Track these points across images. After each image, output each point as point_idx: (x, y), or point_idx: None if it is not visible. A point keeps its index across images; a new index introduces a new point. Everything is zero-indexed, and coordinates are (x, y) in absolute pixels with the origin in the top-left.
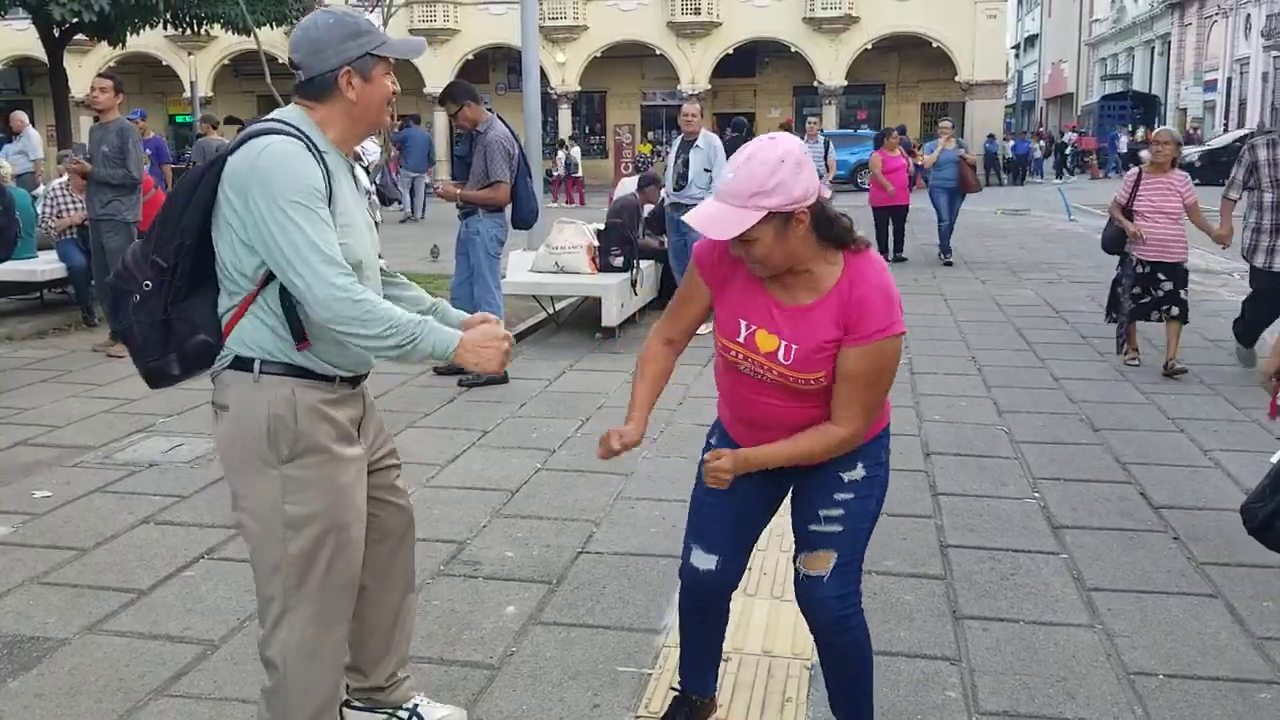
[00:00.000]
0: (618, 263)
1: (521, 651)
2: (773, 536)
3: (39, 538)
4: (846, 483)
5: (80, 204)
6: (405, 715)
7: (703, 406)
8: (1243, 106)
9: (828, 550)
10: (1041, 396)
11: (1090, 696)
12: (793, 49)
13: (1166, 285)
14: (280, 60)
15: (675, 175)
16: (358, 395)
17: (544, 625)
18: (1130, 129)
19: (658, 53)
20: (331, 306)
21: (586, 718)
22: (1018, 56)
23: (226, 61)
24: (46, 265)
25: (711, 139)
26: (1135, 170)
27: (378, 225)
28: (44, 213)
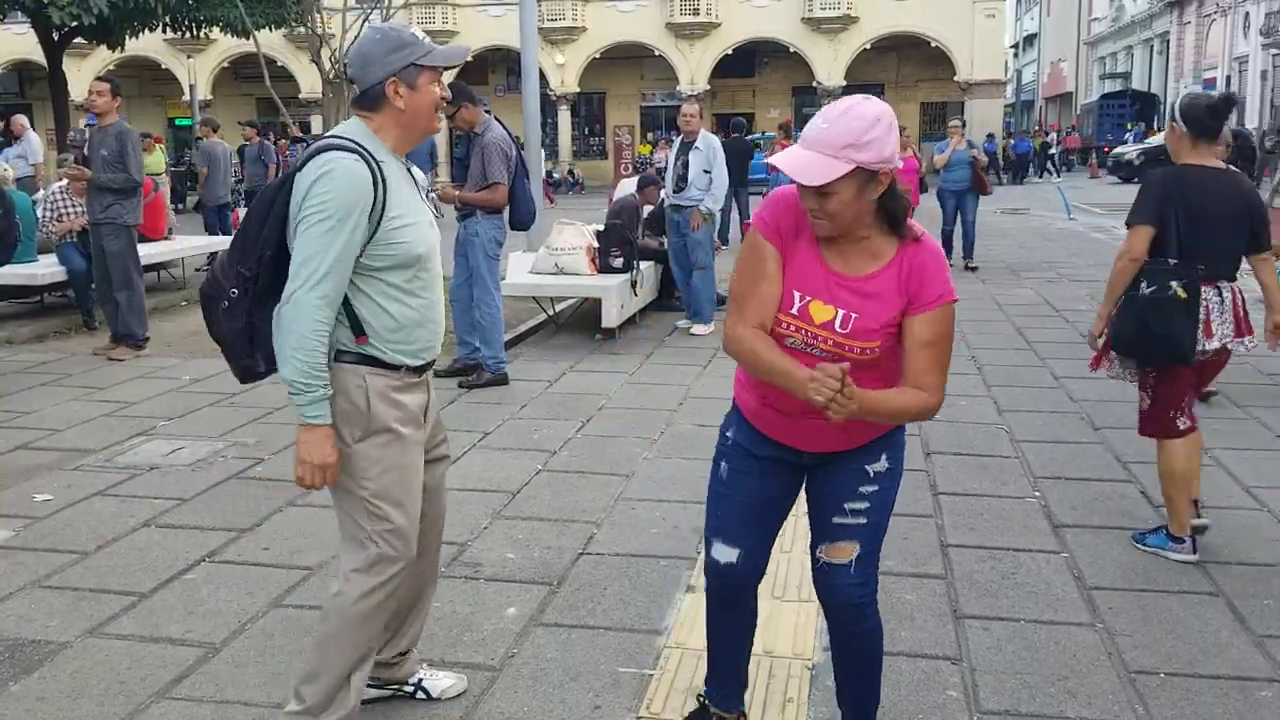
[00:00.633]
0: (617, 264)
1: (522, 653)
2: None
3: (40, 541)
4: (872, 475)
5: (80, 208)
6: (411, 689)
7: (704, 407)
8: (1242, 105)
9: (850, 541)
10: (1042, 395)
11: (1091, 695)
12: (792, 49)
13: None
14: (279, 63)
15: (675, 176)
16: (423, 384)
17: (545, 626)
18: (1129, 127)
19: (657, 53)
20: (306, 309)
21: (587, 719)
22: (1016, 56)
23: (226, 64)
24: (47, 269)
25: (710, 140)
26: None
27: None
28: (44, 216)
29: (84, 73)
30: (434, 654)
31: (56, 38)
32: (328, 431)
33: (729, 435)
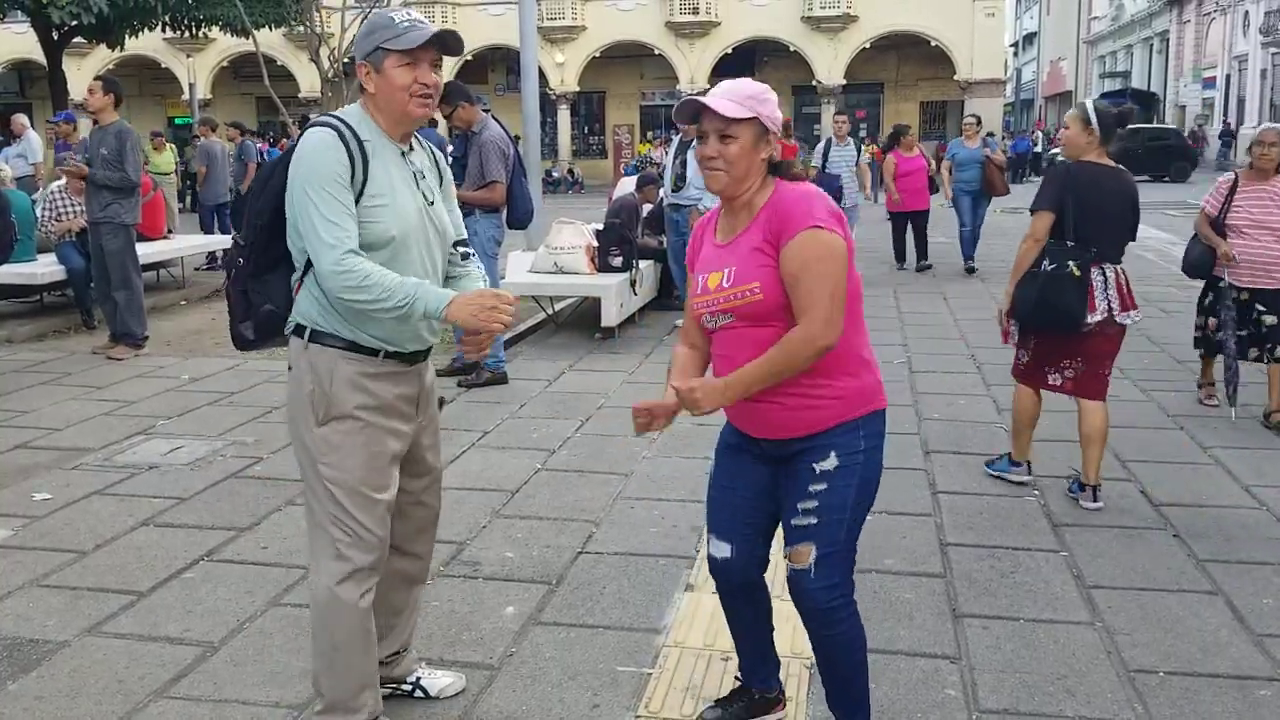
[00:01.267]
0: (617, 263)
1: (521, 652)
2: None
3: (39, 540)
4: (819, 473)
5: (79, 207)
6: (409, 688)
7: None
8: (1241, 103)
9: (807, 543)
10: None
11: (1090, 694)
12: (791, 48)
13: (1269, 319)
14: (279, 62)
15: (674, 175)
16: (412, 374)
17: (544, 625)
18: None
19: (656, 53)
20: (330, 279)
21: (587, 718)
22: (1016, 54)
23: (225, 64)
24: (46, 268)
25: None
26: (1229, 176)
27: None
28: (43, 215)
29: (84, 72)
30: (432, 653)
31: (56, 37)
32: (458, 298)
33: (722, 432)
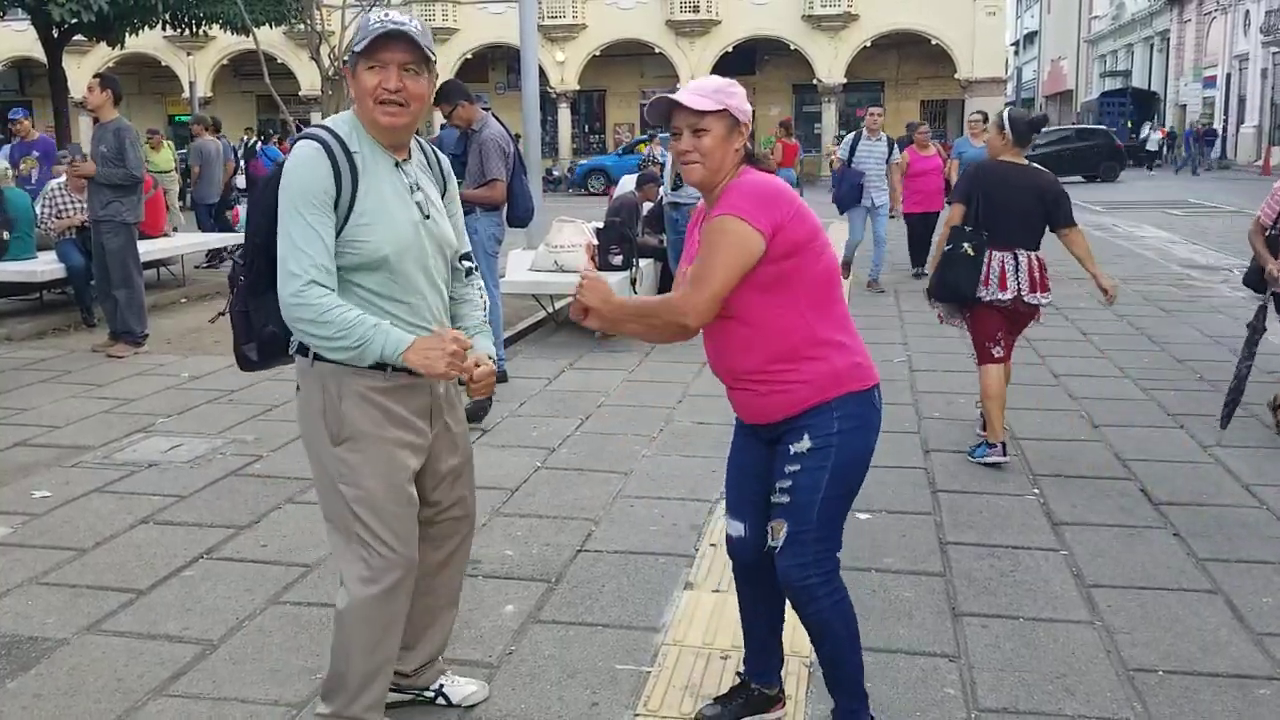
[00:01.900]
0: (617, 261)
1: (520, 650)
2: None
3: (38, 538)
4: (793, 454)
5: (79, 204)
6: (432, 695)
7: (702, 404)
8: (1242, 103)
9: (779, 520)
10: (1041, 393)
11: (1090, 693)
12: (792, 47)
13: None
14: (279, 60)
15: (673, 174)
16: (422, 386)
17: (543, 624)
18: (1128, 125)
19: (657, 51)
20: (288, 309)
21: (586, 716)
22: (1017, 53)
23: (225, 62)
24: (46, 266)
25: None
26: None
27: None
28: (43, 213)
29: (84, 70)
30: None
31: (56, 35)
32: (417, 341)
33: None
